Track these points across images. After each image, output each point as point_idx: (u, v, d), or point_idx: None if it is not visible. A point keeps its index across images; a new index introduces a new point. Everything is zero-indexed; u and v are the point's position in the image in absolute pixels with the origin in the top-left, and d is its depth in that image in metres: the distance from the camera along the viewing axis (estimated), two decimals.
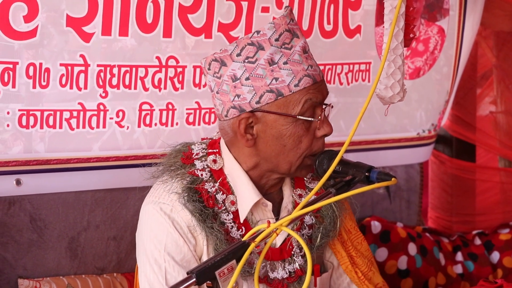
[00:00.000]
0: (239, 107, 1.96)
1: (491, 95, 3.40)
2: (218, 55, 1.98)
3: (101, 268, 2.58)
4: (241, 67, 1.94)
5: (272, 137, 1.97)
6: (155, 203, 2.01)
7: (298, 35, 1.98)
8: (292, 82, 1.93)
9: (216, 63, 1.98)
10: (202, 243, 1.99)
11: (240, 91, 1.95)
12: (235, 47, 1.96)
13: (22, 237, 2.44)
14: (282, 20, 1.96)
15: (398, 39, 1.93)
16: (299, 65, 1.95)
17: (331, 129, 2.00)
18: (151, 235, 2.00)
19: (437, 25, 3.08)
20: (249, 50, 1.94)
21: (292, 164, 1.99)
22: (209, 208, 1.99)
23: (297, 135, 1.96)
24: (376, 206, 3.16)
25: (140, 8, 2.41)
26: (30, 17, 2.26)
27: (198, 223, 1.97)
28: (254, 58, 1.94)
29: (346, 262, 2.11)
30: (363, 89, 2.92)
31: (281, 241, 2.06)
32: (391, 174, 1.87)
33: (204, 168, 2.04)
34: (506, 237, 3.17)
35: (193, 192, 1.99)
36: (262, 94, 1.94)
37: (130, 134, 2.53)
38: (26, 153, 2.37)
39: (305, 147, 1.98)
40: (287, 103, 1.94)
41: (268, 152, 1.98)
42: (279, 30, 1.95)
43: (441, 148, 3.44)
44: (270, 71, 1.93)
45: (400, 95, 1.97)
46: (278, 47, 1.94)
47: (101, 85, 2.43)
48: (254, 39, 1.95)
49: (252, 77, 1.94)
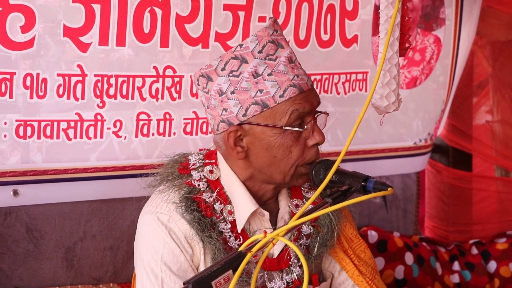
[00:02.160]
0: (227, 120, 1.96)
1: (487, 104, 3.41)
2: (204, 71, 1.98)
3: (97, 278, 2.58)
4: (226, 81, 1.95)
5: (262, 149, 1.97)
6: (153, 212, 2.01)
7: (283, 45, 1.98)
8: (276, 93, 1.94)
9: (203, 79, 1.99)
10: (199, 253, 1.99)
11: (227, 105, 1.95)
12: (219, 61, 1.96)
13: (18, 247, 2.44)
14: (264, 32, 1.96)
15: (394, 48, 1.93)
16: (284, 75, 1.95)
17: (323, 137, 1.99)
18: (148, 245, 2.00)
19: (433, 35, 3.10)
20: (233, 64, 1.94)
21: (285, 174, 1.99)
22: (207, 217, 1.99)
23: (286, 146, 1.96)
24: (372, 215, 3.16)
25: (137, 18, 2.42)
26: (27, 27, 2.27)
27: (196, 232, 1.97)
28: (238, 71, 1.94)
29: (352, 269, 2.10)
30: (360, 99, 2.93)
31: (278, 251, 2.06)
32: (388, 183, 1.87)
33: (201, 178, 2.04)
34: (503, 247, 3.17)
35: (191, 202, 2.00)
36: (248, 106, 1.94)
37: (127, 144, 2.53)
38: (23, 164, 2.37)
39: (296, 157, 1.98)
40: (273, 114, 1.95)
41: (260, 163, 1.99)
42: (261, 42, 1.95)
43: (437, 158, 3.44)
44: (255, 84, 1.93)
45: (395, 104, 1.97)
46: (262, 59, 1.94)
47: (98, 95, 2.43)
48: (238, 52, 1.95)
49: (237, 90, 1.94)
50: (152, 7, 2.43)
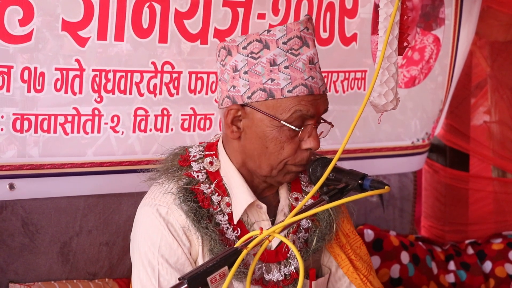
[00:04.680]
0: (232, 98, 1.98)
1: (485, 105, 3.41)
2: (227, 44, 2.00)
3: (93, 273, 2.57)
4: (243, 60, 1.96)
5: (256, 135, 1.97)
6: (152, 205, 2.02)
7: (309, 44, 1.98)
8: (286, 87, 1.94)
9: (224, 51, 2.01)
10: (197, 245, 2.00)
11: (237, 83, 1.97)
12: (244, 39, 1.98)
13: (14, 241, 2.44)
14: (295, 26, 1.97)
15: (392, 47, 1.93)
16: (300, 73, 1.95)
17: (318, 144, 1.98)
18: (145, 237, 2.00)
19: (432, 34, 3.10)
20: (255, 46, 1.96)
21: (273, 167, 2.00)
22: (204, 208, 2.00)
23: (279, 140, 1.96)
24: (369, 214, 3.16)
25: (136, 13, 2.41)
26: (25, 21, 2.26)
27: (192, 223, 1.97)
28: (258, 54, 1.95)
29: (347, 265, 2.11)
30: (359, 97, 2.92)
31: (276, 243, 2.06)
32: (385, 182, 1.88)
33: (200, 169, 2.05)
34: (498, 247, 3.17)
35: (189, 193, 2.00)
36: (255, 90, 1.95)
37: (124, 140, 2.52)
38: (20, 158, 2.37)
39: (287, 155, 1.98)
40: (276, 106, 1.95)
41: (251, 149, 1.99)
42: (289, 34, 1.96)
43: (434, 157, 3.44)
44: (269, 71, 1.94)
45: (393, 103, 1.97)
46: (284, 51, 1.95)
47: (96, 90, 2.43)
48: (263, 36, 1.96)
49: (251, 72, 1.95)
50: (151, 2, 2.43)
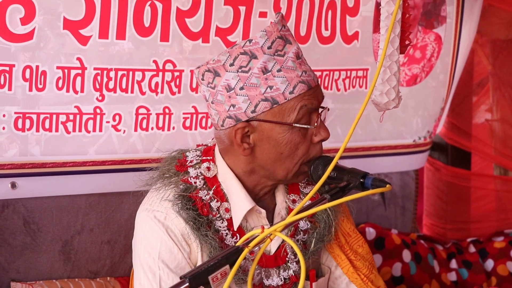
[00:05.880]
0: (234, 116, 1.95)
1: (487, 103, 3.41)
2: (211, 66, 1.96)
3: (95, 272, 2.57)
4: (235, 77, 1.93)
5: (269, 146, 1.96)
6: (149, 210, 2.01)
7: (291, 41, 1.97)
8: (286, 89, 1.93)
9: (209, 74, 1.97)
10: (196, 251, 1.99)
11: (235, 101, 1.94)
12: (228, 56, 1.94)
13: (16, 240, 2.44)
14: (273, 27, 1.95)
15: (394, 45, 1.93)
16: (293, 71, 1.94)
17: (328, 133, 1.99)
18: (145, 243, 1.99)
19: (434, 33, 3.09)
20: (242, 60, 1.93)
21: (289, 171, 1.99)
22: (203, 216, 1.98)
23: (294, 143, 1.96)
24: (371, 212, 3.16)
25: (137, 12, 2.41)
26: (27, 19, 2.26)
27: (192, 231, 1.97)
28: (248, 67, 1.93)
29: (347, 265, 2.11)
30: (360, 96, 2.92)
31: (275, 248, 2.06)
32: (386, 180, 1.87)
33: (197, 175, 2.03)
34: (500, 245, 3.17)
35: (187, 200, 1.99)
36: (257, 103, 1.93)
37: (126, 138, 2.52)
38: (22, 156, 2.37)
39: (302, 154, 1.98)
40: (282, 110, 1.94)
41: (265, 159, 1.98)
42: (271, 37, 1.94)
43: (436, 155, 3.44)
44: (264, 80, 1.92)
45: (395, 101, 1.97)
46: (271, 55, 1.93)
47: (97, 89, 2.43)
48: (247, 48, 1.93)
49: (247, 86, 1.93)
50: (153, 1, 2.43)
